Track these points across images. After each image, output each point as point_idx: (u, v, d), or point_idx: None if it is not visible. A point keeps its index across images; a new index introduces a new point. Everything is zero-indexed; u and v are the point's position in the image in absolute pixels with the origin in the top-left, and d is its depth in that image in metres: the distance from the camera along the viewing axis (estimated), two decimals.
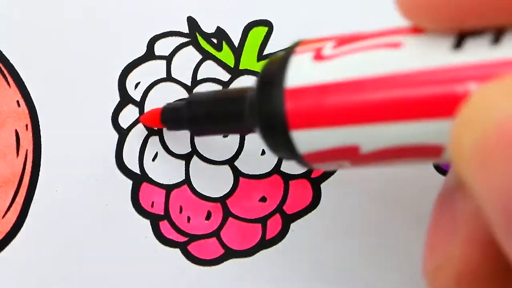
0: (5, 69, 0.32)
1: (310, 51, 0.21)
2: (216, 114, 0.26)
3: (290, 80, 0.21)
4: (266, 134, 0.22)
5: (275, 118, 0.21)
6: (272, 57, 0.23)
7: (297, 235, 0.31)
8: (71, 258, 0.31)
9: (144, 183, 0.32)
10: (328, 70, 0.20)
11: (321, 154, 0.21)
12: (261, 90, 0.22)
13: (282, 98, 0.20)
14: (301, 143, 0.21)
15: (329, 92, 0.19)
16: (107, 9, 0.33)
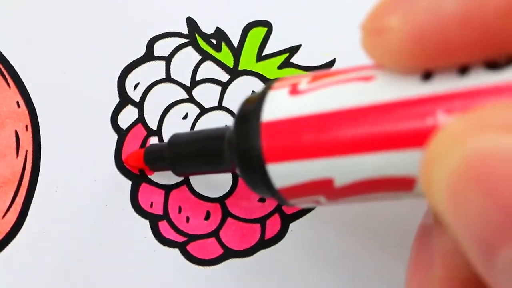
0: (5, 69, 0.33)
1: (286, 87, 0.21)
2: (196, 153, 0.27)
3: (266, 114, 0.21)
4: (243, 169, 0.22)
5: (251, 151, 0.21)
6: (249, 96, 0.23)
7: (296, 235, 0.31)
8: (70, 258, 0.31)
9: (143, 183, 0.32)
10: (303, 104, 0.20)
11: (296, 188, 0.21)
12: (238, 125, 0.23)
13: (258, 131, 0.21)
14: (276, 177, 0.21)
15: (304, 125, 0.20)
16: (106, 10, 0.33)
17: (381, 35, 0.18)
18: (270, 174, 0.21)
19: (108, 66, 0.32)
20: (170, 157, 0.28)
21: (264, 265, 0.31)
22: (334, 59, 0.32)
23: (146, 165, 0.30)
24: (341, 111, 0.19)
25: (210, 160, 0.26)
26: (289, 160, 0.20)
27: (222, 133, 0.25)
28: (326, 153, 0.19)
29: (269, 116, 0.21)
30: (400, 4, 0.17)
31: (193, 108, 0.32)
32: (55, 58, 0.33)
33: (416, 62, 0.17)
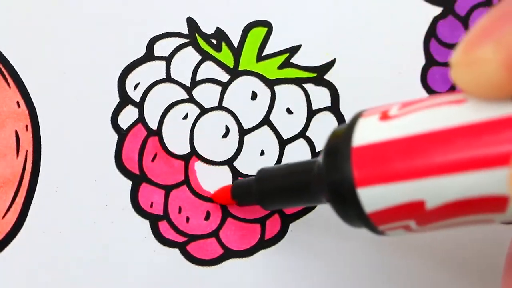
0: (5, 69, 0.33)
1: (377, 114, 0.22)
2: (285, 188, 0.27)
3: (356, 139, 0.21)
4: (334, 196, 0.22)
5: (342, 176, 0.21)
6: (339, 126, 0.23)
7: (296, 235, 0.31)
8: (70, 258, 0.31)
9: (144, 184, 0.32)
10: (394, 127, 0.20)
11: (387, 212, 0.21)
12: (328, 152, 0.23)
13: (348, 156, 0.21)
14: (367, 201, 0.21)
15: (395, 148, 0.20)
16: (107, 10, 0.33)
17: (475, 67, 0.18)
18: (361, 198, 0.21)
19: (108, 66, 0.32)
20: (258, 192, 0.28)
21: (264, 265, 0.31)
22: (334, 59, 0.32)
23: (233, 200, 0.30)
24: (433, 132, 0.19)
25: (299, 194, 0.26)
26: (380, 183, 0.20)
27: (310, 166, 0.25)
28: (418, 175, 0.19)
29: (359, 141, 0.21)
30: (491, 34, 0.17)
31: (193, 108, 0.32)
32: (55, 58, 0.33)
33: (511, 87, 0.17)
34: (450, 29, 0.32)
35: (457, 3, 0.32)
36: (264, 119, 0.32)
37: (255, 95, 0.32)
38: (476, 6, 0.32)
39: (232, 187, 0.30)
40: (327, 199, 0.23)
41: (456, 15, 0.32)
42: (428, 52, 0.32)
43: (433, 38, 0.32)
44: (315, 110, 0.32)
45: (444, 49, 0.32)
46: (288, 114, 0.32)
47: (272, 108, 0.32)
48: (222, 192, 0.31)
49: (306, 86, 0.32)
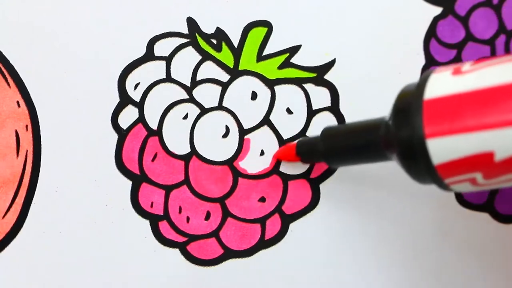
0: (5, 69, 0.33)
1: (449, 69, 0.22)
2: (351, 145, 0.27)
3: (428, 93, 0.22)
4: (403, 147, 0.23)
5: (412, 126, 0.22)
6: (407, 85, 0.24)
7: (296, 235, 0.31)
8: (70, 258, 0.31)
9: (144, 184, 0.32)
10: (467, 80, 0.21)
11: (454, 164, 0.21)
12: (399, 106, 0.23)
13: (420, 108, 0.22)
14: (436, 152, 0.21)
15: (467, 100, 0.20)
16: (107, 10, 0.33)
17: None
18: (430, 149, 0.21)
19: (109, 66, 0.32)
20: (324, 150, 0.28)
21: (264, 265, 0.31)
22: (334, 59, 0.32)
23: (297, 157, 0.30)
24: (506, 85, 0.20)
25: (366, 152, 0.27)
26: (450, 134, 0.21)
27: (377, 123, 0.26)
28: (489, 126, 0.20)
29: (431, 95, 0.22)
30: None
31: (193, 108, 0.32)
32: (55, 58, 0.33)
33: None
34: (450, 29, 0.32)
35: (457, 3, 0.32)
36: (264, 119, 0.32)
37: (255, 95, 0.32)
38: (476, 6, 0.32)
39: (297, 144, 0.30)
40: (396, 152, 0.24)
41: (456, 15, 0.32)
42: (428, 52, 0.32)
43: (433, 38, 0.32)
44: (315, 110, 0.32)
45: (444, 49, 0.32)
46: (288, 114, 0.32)
47: (272, 108, 0.32)
48: (286, 149, 0.31)
49: (306, 86, 0.32)
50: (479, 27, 0.32)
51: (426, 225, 0.31)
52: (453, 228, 0.31)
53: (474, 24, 0.32)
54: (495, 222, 0.31)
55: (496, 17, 0.32)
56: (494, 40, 0.32)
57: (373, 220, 0.31)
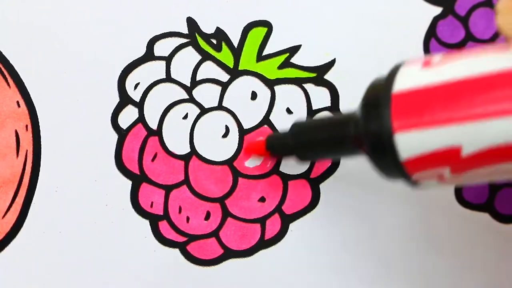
0: (5, 69, 0.33)
1: (419, 62, 0.22)
2: (321, 140, 0.27)
3: (397, 86, 0.22)
4: (370, 142, 0.23)
5: (380, 120, 0.22)
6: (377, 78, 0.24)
7: (296, 235, 0.31)
8: (70, 258, 0.31)
9: (144, 184, 0.32)
10: (436, 73, 0.21)
11: (422, 159, 0.21)
12: (368, 99, 0.23)
13: (388, 102, 0.21)
14: (404, 146, 0.21)
15: (436, 93, 0.20)
16: (107, 9, 0.33)
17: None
18: (398, 144, 0.21)
19: (109, 66, 0.32)
20: (294, 145, 0.28)
21: (264, 265, 0.31)
22: (334, 59, 0.32)
23: (267, 152, 0.30)
24: (476, 77, 0.19)
25: (336, 146, 0.27)
26: (418, 128, 0.21)
27: (347, 117, 0.26)
28: (456, 120, 0.20)
29: (400, 88, 0.21)
30: None
31: (193, 108, 0.32)
32: (55, 58, 0.33)
33: None
34: (450, 29, 0.32)
35: (457, 3, 0.32)
36: (264, 119, 0.32)
37: (255, 95, 0.32)
38: (476, 6, 0.32)
39: (267, 138, 0.30)
40: (364, 147, 0.24)
41: (456, 15, 0.32)
42: (428, 52, 0.32)
43: (433, 38, 0.32)
44: (315, 110, 0.32)
45: (444, 49, 0.32)
46: (288, 114, 0.32)
47: (272, 108, 0.32)
48: (255, 144, 0.31)
49: (306, 86, 0.32)
50: (479, 27, 0.32)
51: (426, 225, 0.31)
52: (453, 228, 0.31)
53: (474, 24, 0.32)
54: (495, 222, 0.31)
55: None
56: (494, 40, 0.32)
57: (372, 220, 0.31)
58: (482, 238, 0.31)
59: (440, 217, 0.31)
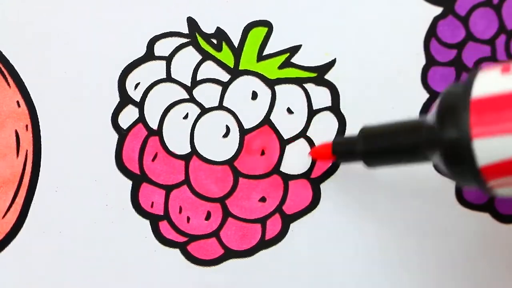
0: (5, 69, 0.33)
1: (498, 67, 0.22)
2: (391, 147, 0.26)
3: (476, 91, 0.21)
4: (447, 147, 0.23)
5: (458, 126, 0.21)
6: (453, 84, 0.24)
7: (297, 235, 0.31)
8: (71, 258, 0.31)
9: (144, 184, 0.32)
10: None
11: (500, 166, 0.21)
12: (444, 105, 0.23)
13: (467, 107, 0.21)
14: (482, 153, 0.21)
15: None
16: (107, 9, 0.33)
17: None
18: (476, 150, 0.21)
19: (109, 66, 0.32)
20: (363, 151, 0.27)
21: (265, 265, 0.31)
22: (334, 59, 0.32)
23: (333, 157, 0.29)
24: None
25: (407, 153, 0.26)
26: (496, 135, 0.20)
27: (419, 123, 0.25)
28: None
29: (479, 93, 0.21)
30: None
31: (194, 108, 0.32)
32: (55, 58, 0.33)
33: None
34: (450, 29, 0.32)
35: (457, 3, 0.32)
36: (265, 119, 0.32)
37: (256, 95, 0.32)
38: (476, 6, 0.32)
39: (333, 143, 0.29)
40: (439, 153, 0.23)
41: (456, 15, 0.32)
42: (428, 52, 0.32)
43: (433, 38, 0.32)
44: (315, 110, 0.32)
45: (444, 49, 0.32)
46: (288, 114, 0.32)
47: (273, 108, 0.32)
48: (322, 148, 0.30)
49: (307, 86, 0.32)
50: (479, 27, 0.32)
51: (426, 225, 0.31)
52: (453, 228, 0.31)
53: (474, 24, 0.32)
54: (495, 222, 0.31)
55: (496, 17, 0.32)
56: (494, 40, 0.32)
57: (373, 220, 0.31)
58: (482, 238, 0.31)
59: (440, 217, 0.31)
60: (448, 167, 0.23)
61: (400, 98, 0.32)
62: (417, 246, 0.31)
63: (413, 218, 0.31)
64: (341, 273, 0.31)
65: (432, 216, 0.31)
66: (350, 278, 0.31)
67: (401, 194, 0.31)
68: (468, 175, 0.22)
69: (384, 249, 0.31)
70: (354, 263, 0.31)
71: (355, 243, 0.31)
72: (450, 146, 0.22)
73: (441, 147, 0.23)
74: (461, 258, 0.31)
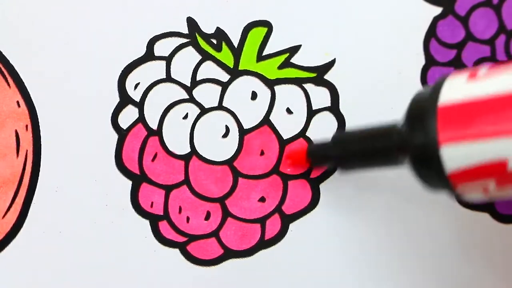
0: (5, 69, 0.33)
1: (465, 74, 0.22)
2: (363, 152, 0.27)
3: (442, 98, 0.22)
4: (416, 154, 0.23)
5: (426, 133, 0.22)
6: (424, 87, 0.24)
7: (296, 235, 0.31)
8: (70, 258, 0.31)
9: (144, 184, 0.32)
10: (482, 86, 0.21)
11: (468, 172, 0.21)
12: (412, 112, 0.23)
13: (434, 114, 0.21)
14: (450, 159, 0.21)
15: (483, 106, 0.20)
16: (107, 10, 0.33)
17: None
18: (444, 156, 0.21)
19: (109, 66, 0.32)
20: (336, 156, 0.28)
21: (264, 265, 0.31)
22: (334, 59, 0.32)
23: (307, 162, 0.30)
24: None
25: (378, 158, 0.26)
26: (464, 141, 0.21)
27: (390, 129, 0.26)
28: (503, 133, 0.20)
29: (446, 100, 0.21)
30: None
31: (193, 108, 0.32)
32: (55, 58, 0.33)
33: None
34: (450, 29, 0.32)
35: (457, 3, 0.32)
36: (264, 119, 0.32)
37: (255, 95, 0.32)
38: (476, 6, 0.32)
39: (308, 148, 0.30)
40: (408, 158, 0.24)
41: (456, 15, 0.32)
42: (428, 52, 0.32)
43: (433, 38, 0.32)
44: (315, 110, 0.32)
45: (444, 49, 0.32)
46: (288, 114, 0.32)
47: (272, 108, 0.32)
48: (296, 152, 0.31)
49: (306, 86, 0.32)
50: (479, 27, 0.32)
51: (425, 225, 0.31)
52: (453, 228, 0.31)
53: (474, 24, 0.32)
54: (495, 222, 0.31)
55: (496, 17, 0.32)
56: (494, 40, 0.32)
57: (372, 220, 0.31)
58: (482, 238, 0.31)
59: (440, 217, 0.31)
60: (416, 172, 0.23)
61: (400, 98, 0.31)
62: (417, 246, 0.31)
63: (412, 219, 0.31)
64: (340, 273, 0.31)
65: (431, 216, 0.31)
66: (349, 278, 0.31)
67: (400, 194, 0.31)
68: (436, 180, 0.22)
69: (383, 249, 0.31)
70: (353, 263, 0.31)
71: (354, 243, 0.31)
72: (418, 151, 0.23)
73: (410, 152, 0.23)
74: (461, 258, 0.31)
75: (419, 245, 0.31)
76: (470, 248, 0.31)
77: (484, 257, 0.31)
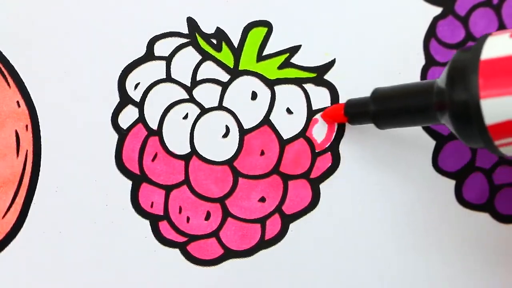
0: (5, 69, 0.33)
1: (507, 32, 0.23)
2: (402, 108, 0.27)
3: (485, 53, 0.22)
4: (456, 107, 0.23)
5: (467, 86, 0.22)
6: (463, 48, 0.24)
7: (296, 236, 0.31)
8: (70, 258, 0.31)
9: (144, 184, 0.32)
10: None
11: (507, 124, 0.22)
12: (454, 66, 0.24)
13: (476, 68, 0.22)
14: (490, 111, 0.22)
15: None
16: (107, 10, 0.33)
17: None
18: (484, 109, 0.22)
19: (109, 66, 0.32)
20: (375, 112, 0.28)
21: (264, 265, 0.31)
22: (334, 59, 0.32)
23: (345, 118, 0.30)
24: None
25: (417, 114, 0.27)
26: (504, 94, 0.21)
27: (430, 85, 0.26)
28: None
29: (488, 55, 0.22)
30: None
31: (193, 108, 0.32)
32: (55, 58, 0.33)
33: None
34: (450, 29, 0.32)
35: (457, 3, 0.32)
36: (264, 119, 0.32)
37: (255, 95, 0.32)
38: (476, 6, 0.32)
39: (345, 105, 0.30)
40: (448, 113, 0.24)
41: (456, 15, 0.32)
42: (428, 52, 0.32)
43: (433, 38, 0.32)
44: (315, 110, 0.32)
45: (444, 49, 0.32)
46: (288, 114, 0.32)
47: (272, 108, 0.32)
48: (334, 110, 0.31)
49: (306, 86, 0.32)
50: (479, 27, 0.32)
51: (426, 225, 0.31)
52: (453, 228, 0.31)
53: (474, 24, 0.32)
54: (495, 222, 0.31)
55: (496, 17, 0.32)
56: None
57: (372, 220, 0.31)
58: (482, 238, 0.31)
59: (440, 217, 0.31)
60: (456, 127, 0.24)
61: None
62: (417, 246, 0.31)
63: (412, 218, 0.31)
64: (340, 273, 0.31)
65: (431, 216, 0.31)
66: (349, 278, 0.31)
67: (400, 194, 0.31)
68: (476, 134, 0.23)
69: (383, 249, 0.31)
70: (353, 263, 0.31)
71: (354, 243, 0.31)
72: (459, 106, 0.23)
73: (450, 107, 0.24)
74: (460, 257, 0.31)
75: (419, 245, 0.31)
76: (470, 248, 0.31)
77: (484, 257, 0.31)
